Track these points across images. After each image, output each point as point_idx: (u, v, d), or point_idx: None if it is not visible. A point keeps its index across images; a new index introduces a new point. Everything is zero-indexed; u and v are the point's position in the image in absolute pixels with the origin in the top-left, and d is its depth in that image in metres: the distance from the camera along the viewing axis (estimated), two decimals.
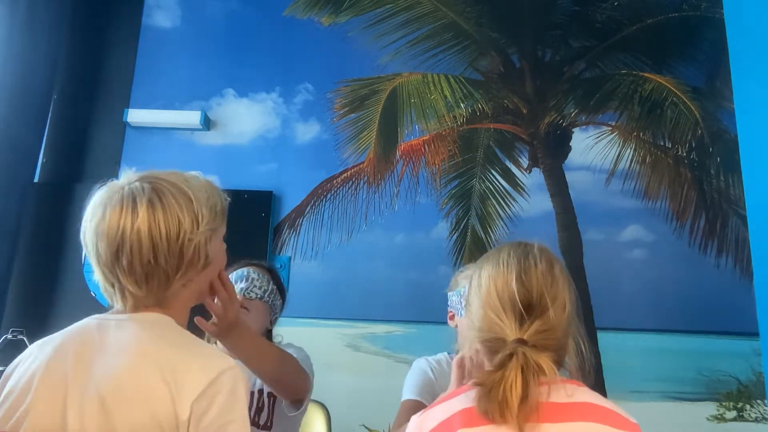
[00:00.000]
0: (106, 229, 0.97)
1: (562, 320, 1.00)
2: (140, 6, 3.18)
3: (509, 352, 0.94)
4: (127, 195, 0.99)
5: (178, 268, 0.99)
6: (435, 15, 3.08)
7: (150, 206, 0.97)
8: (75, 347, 0.97)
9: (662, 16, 3.00)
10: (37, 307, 2.71)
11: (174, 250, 0.97)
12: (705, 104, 2.87)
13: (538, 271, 1.01)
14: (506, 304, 0.99)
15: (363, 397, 2.57)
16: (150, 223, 0.96)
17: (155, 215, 0.97)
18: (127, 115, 2.96)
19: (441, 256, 2.78)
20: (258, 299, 1.68)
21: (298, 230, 2.88)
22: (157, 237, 0.96)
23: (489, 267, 1.06)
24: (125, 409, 0.90)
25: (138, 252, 0.96)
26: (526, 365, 0.92)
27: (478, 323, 1.03)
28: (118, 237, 0.96)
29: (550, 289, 1.00)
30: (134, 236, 0.96)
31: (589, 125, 2.92)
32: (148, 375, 0.92)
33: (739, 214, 2.74)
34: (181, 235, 0.98)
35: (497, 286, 1.01)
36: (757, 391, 2.54)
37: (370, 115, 2.99)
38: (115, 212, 0.97)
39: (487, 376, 0.94)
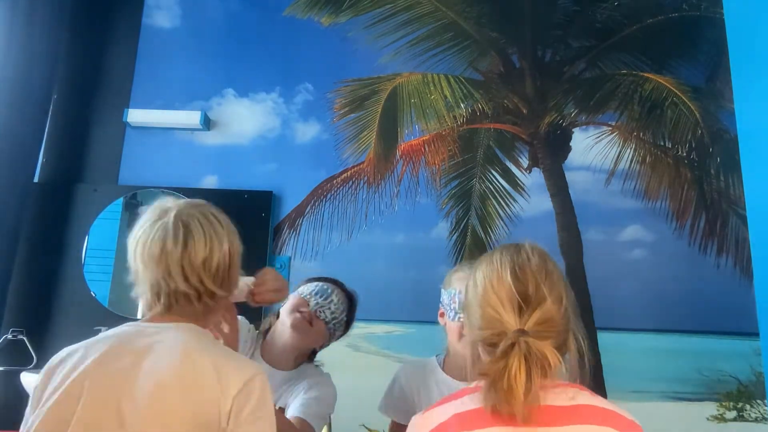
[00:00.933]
0: (195, 246, 1.13)
1: (560, 312, 1.00)
2: (140, 6, 3.18)
3: (511, 341, 0.94)
4: (205, 221, 1.16)
5: (222, 286, 1.16)
6: (435, 15, 3.08)
7: (229, 233, 1.18)
8: (123, 346, 1.07)
9: (662, 16, 3.00)
10: (37, 307, 2.72)
11: (225, 272, 1.16)
12: (705, 104, 2.88)
13: (531, 265, 1.03)
14: (504, 298, 1.00)
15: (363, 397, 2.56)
16: (231, 246, 1.17)
17: (234, 241, 1.19)
18: (127, 115, 2.96)
19: (441, 256, 2.78)
20: (323, 321, 1.63)
21: (298, 230, 2.88)
22: (235, 256, 1.18)
23: (483, 267, 1.07)
24: (179, 397, 1.01)
25: (223, 264, 1.15)
26: (528, 353, 0.92)
27: (478, 323, 1.03)
28: (207, 253, 1.13)
29: (545, 281, 1.01)
30: (223, 255, 1.15)
31: (589, 125, 2.92)
32: (202, 367, 1.04)
33: (739, 214, 2.74)
34: (234, 259, 1.18)
35: (493, 283, 1.02)
36: (757, 391, 2.54)
37: (370, 115, 2.99)
38: (201, 235, 1.14)
39: (490, 366, 0.94)
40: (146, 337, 1.09)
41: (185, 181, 2.90)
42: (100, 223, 2.82)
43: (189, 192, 2.84)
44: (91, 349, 1.07)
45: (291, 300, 1.65)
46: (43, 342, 2.66)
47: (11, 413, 2.51)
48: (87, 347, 1.09)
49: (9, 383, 2.52)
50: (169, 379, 1.02)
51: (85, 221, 2.81)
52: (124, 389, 1.02)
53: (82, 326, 2.64)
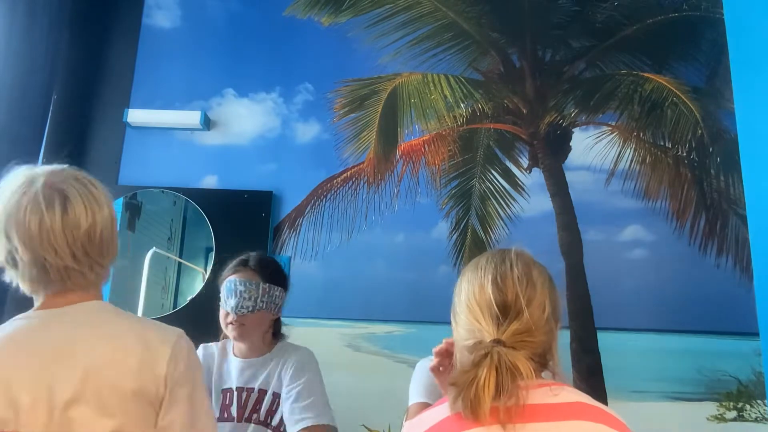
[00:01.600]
0: (76, 216, 1.08)
1: (541, 322, 1.01)
2: (140, 6, 3.18)
3: (484, 351, 0.95)
4: (81, 186, 1.12)
5: (108, 256, 1.14)
6: (435, 15, 3.08)
7: (106, 197, 1.15)
8: (29, 342, 1.06)
9: (662, 16, 3.00)
10: None
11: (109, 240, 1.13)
12: (705, 104, 2.87)
13: (513, 274, 1.05)
14: (483, 307, 1.02)
15: (363, 397, 2.56)
16: (111, 212, 1.14)
17: (110, 206, 1.15)
18: (127, 115, 2.96)
19: (441, 256, 2.78)
20: (250, 312, 1.66)
21: (298, 230, 2.88)
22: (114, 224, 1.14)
23: (468, 274, 1.10)
24: (113, 376, 1.02)
25: (108, 233, 1.12)
26: (500, 364, 0.92)
27: (463, 330, 1.05)
28: (90, 221, 1.09)
29: (525, 291, 1.02)
30: (106, 222, 1.12)
31: (589, 125, 2.92)
32: (126, 340, 1.06)
33: (739, 214, 2.74)
34: (114, 225, 1.15)
35: (475, 291, 1.04)
36: (757, 391, 2.54)
37: (370, 115, 2.99)
38: (80, 202, 1.09)
39: (461, 375, 0.95)
40: (57, 324, 1.07)
41: (185, 181, 2.90)
42: None
43: (189, 192, 2.84)
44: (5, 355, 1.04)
45: (221, 313, 1.70)
46: None
47: None
48: None
49: None
50: (99, 361, 1.02)
51: None
52: (51, 382, 1.00)
53: None
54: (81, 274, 1.08)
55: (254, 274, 1.71)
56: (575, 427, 0.93)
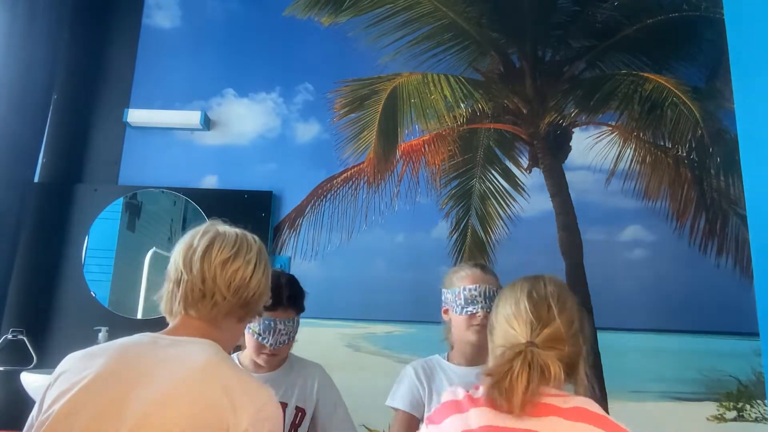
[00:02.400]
0: (184, 261, 1.17)
1: (570, 332, 1.13)
2: (140, 6, 3.18)
3: (519, 350, 1.07)
4: (209, 240, 1.19)
5: (233, 306, 1.17)
6: (435, 15, 3.08)
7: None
8: (132, 357, 1.07)
9: (662, 16, 3.00)
10: (37, 307, 2.72)
11: (237, 293, 1.17)
12: (705, 104, 2.88)
13: (547, 290, 1.17)
14: (519, 315, 1.14)
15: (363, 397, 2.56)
16: (225, 267, 1.17)
17: (228, 262, 1.17)
18: (127, 115, 2.96)
19: (441, 256, 2.78)
20: (285, 345, 1.68)
21: (298, 230, 2.88)
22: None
23: (506, 294, 1.21)
24: (184, 412, 1.00)
25: (226, 288, 1.16)
26: (532, 361, 1.04)
27: (499, 339, 1.17)
28: (193, 269, 1.15)
29: (557, 302, 1.15)
30: (209, 273, 1.15)
31: (589, 125, 2.92)
32: (210, 385, 1.04)
33: (739, 214, 2.74)
34: (251, 284, 1.19)
35: (511, 305, 1.17)
36: (757, 391, 2.54)
37: (370, 115, 2.99)
38: (198, 250, 1.17)
39: (496, 367, 1.07)
40: (162, 347, 1.09)
41: (185, 181, 2.90)
42: (100, 223, 2.82)
43: (189, 192, 2.84)
44: (98, 359, 1.06)
45: (249, 340, 1.71)
46: (43, 342, 2.66)
47: (11, 413, 2.51)
48: (84, 357, 1.07)
49: (9, 383, 2.51)
50: (177, 392, 1.02)
51: (85, 221, 2.81)
52: (126, 401, 1.01)
53: (82, 326, 2.65)
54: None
55: (290, 311, 1.72)
56: (574, 428, 1.01)
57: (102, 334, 2.58)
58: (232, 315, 1.18)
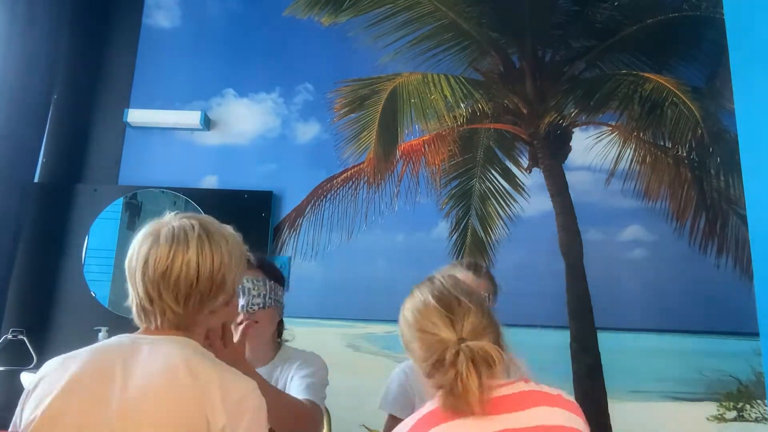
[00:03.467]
0: (157, 257, 1.12)
1: (485, 314, 1.11)
2: (140, 6, 3.18)
3: (455, 350, 1.03)
4: (178, 229, 1.14)
5: (212, 293, 1.13)
6: (435, 15, 3.08)
7: (200, 241, 1.13)
8: (110, 360, 1.06)
9: (662, 16, 3.00)
10: (37, 307, 2.72)
11: (215, 278, 1.13)
12: (705, 104, 2.87)
13: (447, 284, 1.16)
14: (435, 319, 1.09)
15: (363, 397, 2.56)
16: (198, 256, 1.12)
17: (203, 249, 1.12)
18: (127, 115, 2.96)
19: (441, 256, 2.78)
20: (261, 309, 1.62)
21: (298, 230, 2.88)
22: (203, 267, 1.12)
23: (408, 306, 1.18)
24: (158, 412, 1.00)
25: (185, 276, 1.11)
26: (473, 356, 1.01)
27: (422, 353, 1.10)
28: (168, 263, 1.11)
29: (462, 293, 1.12)
30: (184, 265, 1.10)
31: (589, 125, 2.92)
32: (186, 382, 1.03)
33: (739, 214, 2.74)
34: (222, 268, 1.14)
35: (421, 312, 1.13)
36: (757, 391, 2.54)
37: (370, 115, 2.99)
38: (166, 244, 1.12)
39: (442, 377, 1.03)
40: (139, 348, 1.09)
41: (185, 181, 2.90)
42: (100, 223, 2.82)
43: (189, 192, 2.84)
44: (76, 363, 1.05)
45: None
46: (43, 342, 2.66)
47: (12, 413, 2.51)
48: (75, 358, 1.07)
49: (9, 383, 2.52)
50: (155, 392, 1.01)
51: (85, 221, 2.81)
52: (106, 403, 1.01)
53: (82, 326, 2.65)
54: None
55: (259, 272, 1.67)
56: (536, 413, 1.02)
57: (102, 334, 2.57)
58: (199, 311, 1.13)
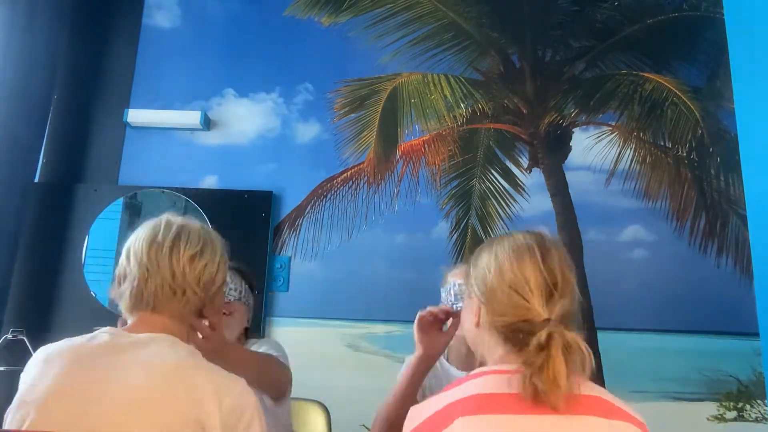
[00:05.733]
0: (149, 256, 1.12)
1: (575, 305, 1.01)
2: (140, 6, 3.18)
3: (549, 332, 0.93)
4: (175, 235, 1.14)
5: (201, 301, 1.15)
6: (435, 15, 3.08)
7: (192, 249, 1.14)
8: (91, 363, 1.04)
9: (662, 16, 3.00)
10: (37, 307, 2.72)
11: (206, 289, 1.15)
12: (705, 104, 2.88)
13: (557, 255, 1.03)
14: (533, 285, 0.99)
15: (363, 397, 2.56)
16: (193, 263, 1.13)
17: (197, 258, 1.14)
18: (127, 115, 2.96)
19: (441, 256, 2.78)
20: (236, 301, 1.70)
21: (298, 230, 2.88)
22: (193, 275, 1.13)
23: (507, 250, 1.05)
24: (151, 420, 0.97)
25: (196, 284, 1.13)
26: (567, 345, 0.92)
27: (501, 308, 1.01)
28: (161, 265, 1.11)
29: (568, 273, 1.02)
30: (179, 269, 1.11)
31: (589, 125, 2.92)
32: (179, 386, 1.01)
33: (739, 214, 2.74)
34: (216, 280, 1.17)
35: (521, 267, 1.01)
36: (757, 391, 2.54)
37: (370, 115, 2.99)
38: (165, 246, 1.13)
39: (531, 356, 0.93)
40: (124, 347, 1.06)
41: (185, 181, 2.90)
42: (100, 223, 2.82)
43: (189, 192, 2.84)
44: (56, 365, 1.06)
45: None
46: (43, 342, 2.63)
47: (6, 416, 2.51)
48: (54, 358, 1.08)
49: (9, 383, 2.51)
50: (146, 398, 0.99)
51: (85, 221, 2.81)
52: (95, 403, 0.99)
53: (82, 326, 2.63)
54: None
55: (236, 273, 1.73)
56: (614, 426, 0.95)
57: None
58: (198, 311, 1.16)
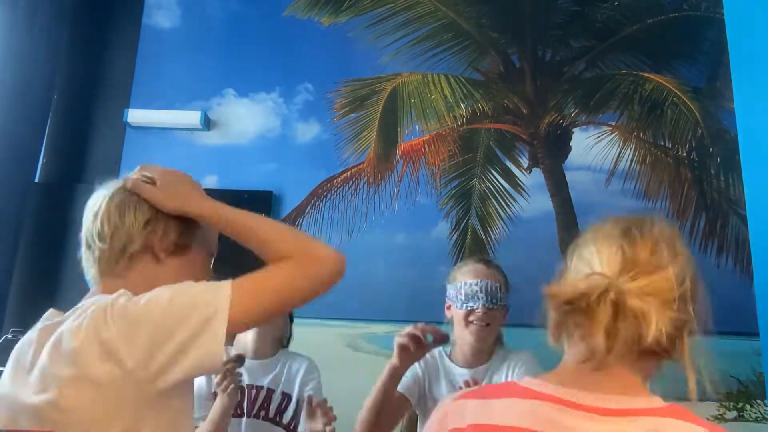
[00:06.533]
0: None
1: (676, 293, 0.78)
2: (140, 6, 3.18)
3: (602, 290, 0.73)
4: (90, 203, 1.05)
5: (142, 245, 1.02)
6: (435, 15, 3.08)
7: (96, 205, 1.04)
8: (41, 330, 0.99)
9: (662, 16, 3.00)
10: (37, 307, 2.69)
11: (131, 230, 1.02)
12: (705, 104, 2.87)
13: (654, 228, 0.81)
14: (604, 255, 0.80)
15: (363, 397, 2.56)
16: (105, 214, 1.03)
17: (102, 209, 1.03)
18: (127, 115, 2.96)
19: (441, 256, 2.78)
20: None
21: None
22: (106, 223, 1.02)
23: (588, 235, 0.90)
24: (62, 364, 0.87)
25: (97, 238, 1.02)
26: (622, 303, 0.71)
27: (562, 282, 0.83)
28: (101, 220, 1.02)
29: (669, 249, 0.79)
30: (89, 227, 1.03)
31: (589, 125, 2.92)
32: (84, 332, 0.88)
33: (739, 214, 2.74)
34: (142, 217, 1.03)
35: (594, 244, 0.84)
36: (757, 391, 2.54)
37: (370, 115, 2.99)
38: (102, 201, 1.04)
39: (575, 319, 0.75)
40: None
41: None
42: None
43: None
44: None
45: None
46: None
47: None
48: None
49: None
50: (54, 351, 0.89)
51: None
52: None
53: None
54: None
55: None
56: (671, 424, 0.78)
57: None
58: (135, 259, 1.00)
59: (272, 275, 0.97)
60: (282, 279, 0.98)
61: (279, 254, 0.99)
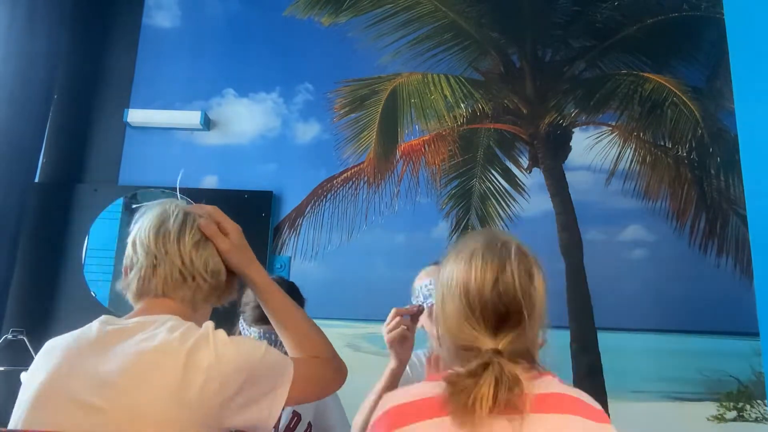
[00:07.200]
0: (157, 243, 1.11)
1: (536, 328, 0.97)
2: (140, 6, 3.18)
3: (485, 361, 0.91)
4: (182, 221, 1.13)
5: (212, 289, 1.14)
6: (435, 15, 3.08)
7: (197, 236, 1.13)
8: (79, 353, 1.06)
9: (662, 16, 3.00)
10: (37, 307, 2.72)
11: (215, 276, 1.14)
12: (705, 104, 2.88)
13: (516, 279, 0.96)
14: (480, 315, 0.96)
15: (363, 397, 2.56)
16: (198, 251, 1.13)
17: (200, 245, 1.13)
18: (127, 115, 2.96)
19: (441, 256, 2.77)
20: None
21: (298, 230, 2.88)
22: (200, 261, 1.13)
23: (462, 266, 1.01)
24: (139, 387, 0.95)
25: (204, 270, 1.12)
26: (500, 376, 0.89)
27: (453, 328, 0.98)
28: (169, 251, 1.10)
29: (528, 301, 0.96)
30: (186, 256, 1.11)
31: (589, 125, 2.92)
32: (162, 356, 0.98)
33: (739, 214, 2.74)
34: (224, 270, 1.16)
35: (471, 292, 0.97)
36: (757, 391, 2.54)
37: (370, 115, 2.99)
38: (172, 233, 1.11)
39: (459, 379, 0.91)
40: (114, 330, 1.08)
41: (185, 181, 2.87)
42: (100, 223, 2.82)
43: (189, 192, 2.84)
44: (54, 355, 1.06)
45: None
46: (43, 342, 2.65)
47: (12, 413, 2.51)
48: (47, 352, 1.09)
49: (9, 383, 2.51)
50: (128, 374, 0.97)
51: (85, 221, 2.81)
52: (85, 386, 0.98)
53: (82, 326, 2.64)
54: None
55: None
56: (560, 420, 0.91)
57: None
58: (209, 299, 1.13)
59: (318, 370, 1.18)
60: (322, 374, 1.20)
61: (316, 352, 1.20)
